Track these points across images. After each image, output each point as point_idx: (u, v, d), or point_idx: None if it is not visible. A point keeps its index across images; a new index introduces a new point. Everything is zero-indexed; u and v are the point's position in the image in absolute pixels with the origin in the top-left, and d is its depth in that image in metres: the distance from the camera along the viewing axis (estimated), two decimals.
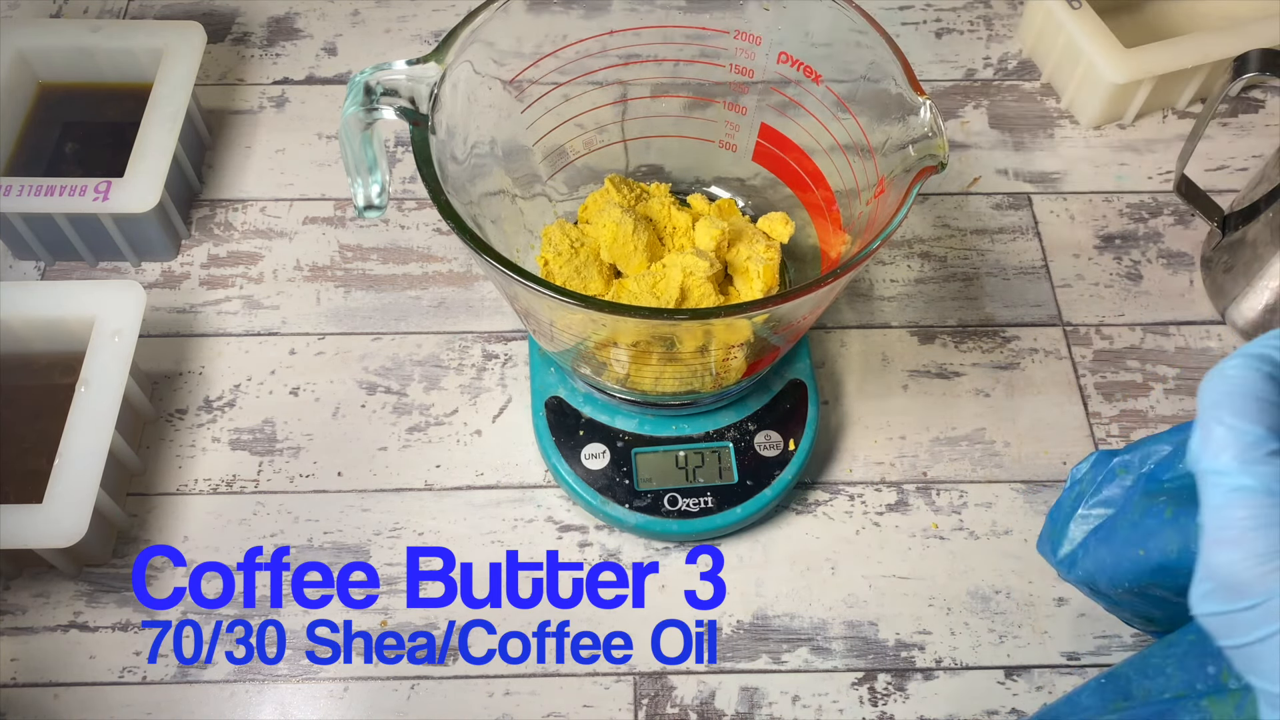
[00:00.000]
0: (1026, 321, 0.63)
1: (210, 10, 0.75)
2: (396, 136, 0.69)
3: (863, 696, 0.52)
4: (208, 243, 0.65)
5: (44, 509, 0.49)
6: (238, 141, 0.69)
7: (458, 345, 0.61)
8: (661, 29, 0.53)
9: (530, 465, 0.57)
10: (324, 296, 0.63)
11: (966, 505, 0.57)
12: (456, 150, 0.49)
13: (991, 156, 0.69)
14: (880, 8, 0.76)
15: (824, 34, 0.51)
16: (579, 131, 0.57)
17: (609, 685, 0.52)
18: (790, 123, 0.54)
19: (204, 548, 0.55)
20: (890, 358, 0.61)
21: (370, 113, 0.46)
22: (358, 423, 0.59)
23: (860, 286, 0.64)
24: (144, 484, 0.57)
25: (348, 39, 0.74)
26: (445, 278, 0.64)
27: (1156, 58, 0.67)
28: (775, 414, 0.55)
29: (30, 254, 0.63)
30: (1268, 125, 0.71)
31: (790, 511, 0.56)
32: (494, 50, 0.50)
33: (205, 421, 0.59)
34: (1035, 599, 0.54)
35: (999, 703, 0.51)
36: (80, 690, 0.51)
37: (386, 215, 0.66)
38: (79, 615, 0.53)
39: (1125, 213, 0.67)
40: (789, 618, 0.53)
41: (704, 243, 0.54)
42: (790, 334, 0.50)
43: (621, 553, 0.55)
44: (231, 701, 0.51)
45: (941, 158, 0.44)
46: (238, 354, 0.61)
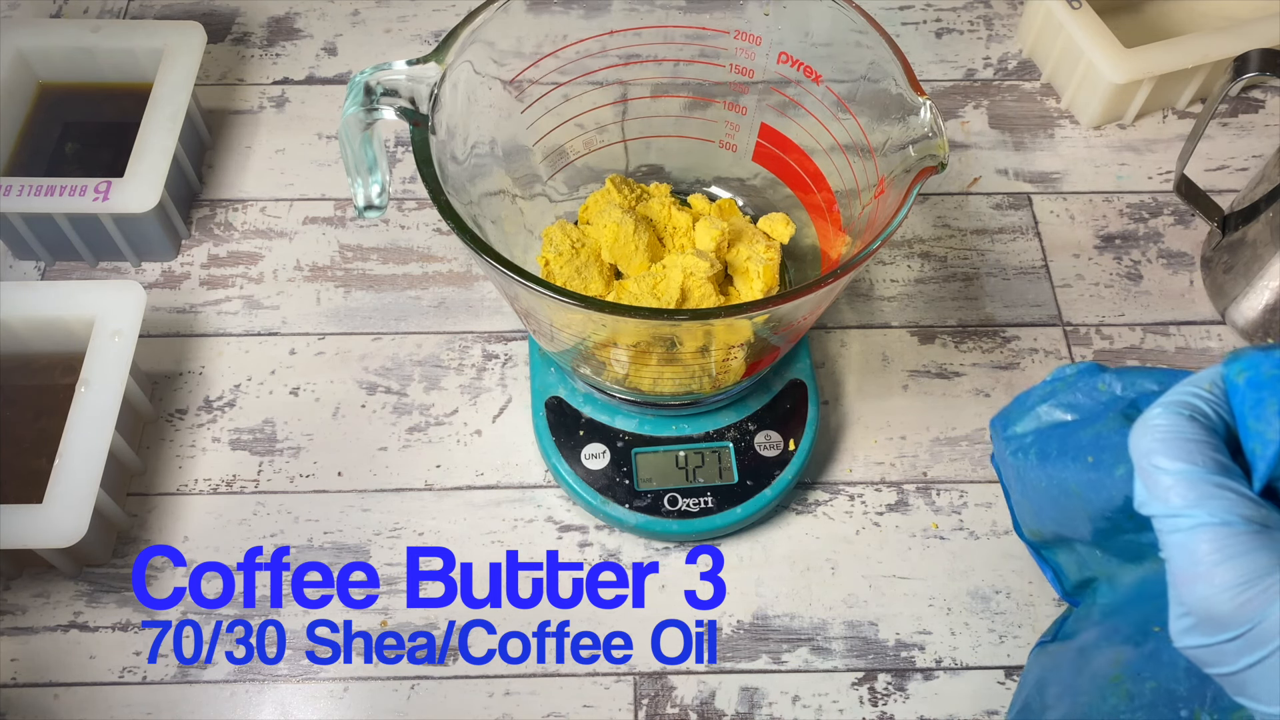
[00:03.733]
0: (1026, 321, 0.63)
1: (210, 10, 0.75)
2: (396, 136, 0.69)
3: (863, 696, 0.52)
4: (208, 243, 0.65)
5: (44, 509, 0.49)
6: (238, 141, 0.69)
7: (458, 345, 0.61)
8: (661, 29, 0.53)
9: (530, 465, 0.58)
10: (324, 296, 0.63)
11: (966, 505, 0.57)
12: (456, 150, 0.49)
13: (991, 156, 0.69)
14: (880, 8, 0.76)
15: (824, 34, 0.51)
16: (579, 131, 0.57)
17: (609, 685, 0.52)
18: (790, 123, 0.54)
19: (204, 548, 0.55)
20: (890, 358, 0.61)
21: (370, 113, 0.46)
22: (358, 423, 0.59)
23: (860, 286, 0.64)
24: (144, 484, 0.57)
25: (348, 39, 0.74)
26: (445, 278, 0.64)
27: (1156, 58, 0.67)
28: (775, 414, 0.55)
29: (30, 254, 0.63)
30: (1268, 125, 0.71)
31: (790, 511, 0.56)
32: (494, 50, 0.50)
33: (205, 421, 0.59)
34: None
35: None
36: (80, 690, 0.51)
37: (386, 215, 0.66)
38: (79, 615, 0.53)
39: (1125, 213, 0.67)
40: (789, 618, 0.53)
41: (704, 243, 0.54)
42: (790, 334, 0.50)
43: (621, 553, 0.55)
44: (231, 701, 0.51)
45: (941, 158, 0.44)
46: (238, 354, 0.61)
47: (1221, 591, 0.25)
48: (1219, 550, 0.25)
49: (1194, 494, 0.26)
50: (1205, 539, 0.25)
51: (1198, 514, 0.25)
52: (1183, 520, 0.26)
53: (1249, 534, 0.25)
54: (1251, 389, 0.27)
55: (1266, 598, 0.24)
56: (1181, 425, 0.27)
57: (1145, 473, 0.27)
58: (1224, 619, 0.25)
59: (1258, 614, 0.24)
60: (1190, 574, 0.25)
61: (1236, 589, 0.25)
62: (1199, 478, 0.26)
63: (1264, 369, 0.27)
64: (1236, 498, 0.25)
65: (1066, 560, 0.47)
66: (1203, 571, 0.25)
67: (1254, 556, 0.25)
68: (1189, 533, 0.26)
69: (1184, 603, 0.26)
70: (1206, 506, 0.25)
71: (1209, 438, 0.27)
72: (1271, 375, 0.26)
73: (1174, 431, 0.27)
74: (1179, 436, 0.26)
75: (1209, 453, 0.26)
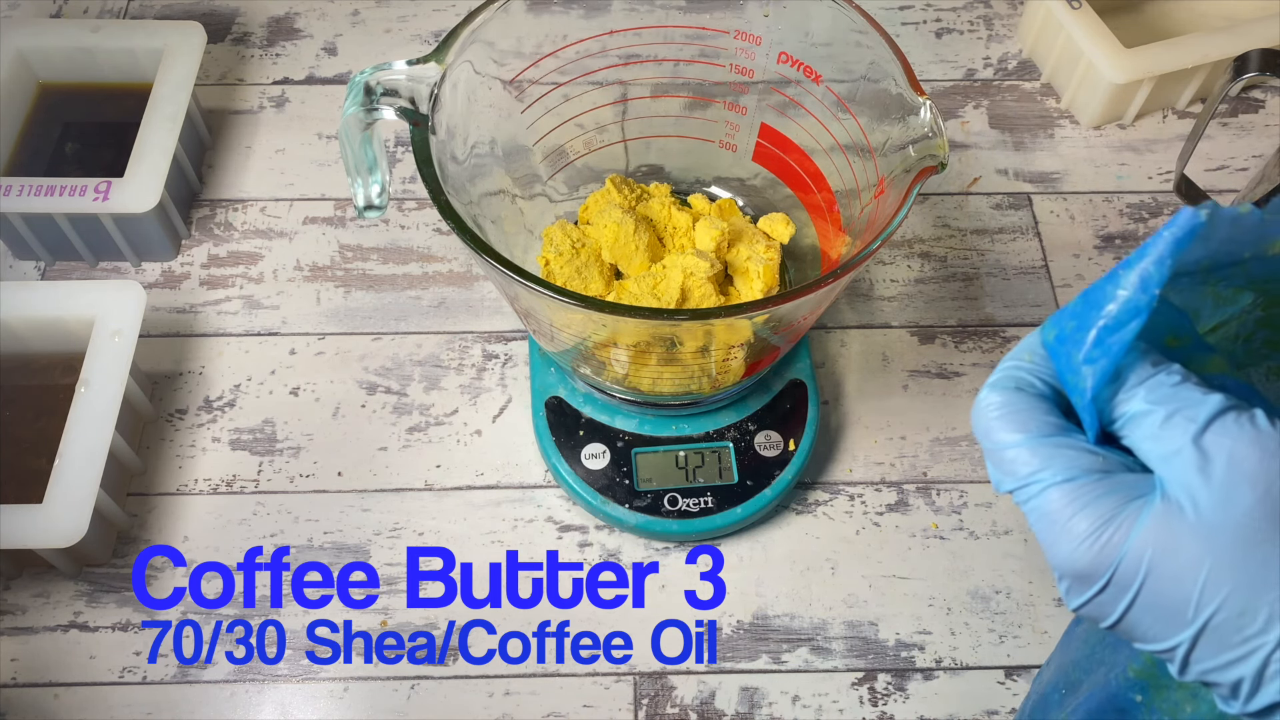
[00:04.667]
0: (1026, 321, 0.63)
1: (210, 10, 0.75)
2: (396, 136, 0.69)
3: (863, 696, 0.52)
4: (208, 243, 0.65)
5: (44, 509, 0.49)
6: (238, 141, 0.69)
7: (458, 345, 0.61)
8: (661, 29, 0.53)
9: (530, 465, 0.57)
10: (324, 296, 0.63)
11: (966, 505, 0.57)
12: (456, 150, 0.49)
13: (991, 156, 0.69)
14: (880, 8, 0.76)
15: (824, 34, 0.51)
16: (579, 131, 0.57)
17: (609, 685, 0.52)
18: (790, 123, 0.54)
19: (204, 548, 0.55)
20: (890, 358, 0.61)
21: (370, 113, 0.46)
22: (358, 423, 0.59)
23: (860, 286, 0.64)
24: (144, 484, 0.57)
25: (348, 39, 0.74)
26: (445, 278, 0.64)
27: (1156, 58, 0.67)
28: (775, 414, 0.55)
29: (30, 254, 0.63)
30: (1268, 125, 0.71)
31: (790, 511, 0.56)
32: (494, 50, 0.50)
33: (205, 421, 0.58)
34: (1035, 599, 0.54)
35: (999, 703, 0.51)
36: (80, 690, 0.51)
37: (386, 215, 0.66)
38: (79, 615, 0.53)
39: (1125, 213, 0.67)
40: (789, 618, 0.53)
41: (704, 243, 0.54)
42: (790, 334, 0.50)
43: (621, 553, 0.55)
44: (231, 701, 0.51)
45: (941, 158, 0.44)
46: (238, 354, 0.61)
47: (1080, 543, 0.26)
48: (1069, 504, 0.26)
49: (1036, 459, 0.27)
50: (1055, 497, 0.26)
51: (1044, 476, 0.27)
52: (1033, 486, 0.27)
53: (1093, 482, 0.26)
54: (1059, 344, 0.28)
55: (1120, 535, 0.25)
56: (1011, 398, 0.28)
57: (990, 452, 0.28)
58: (1089, 569, 0.26)
59: (1116, 553, 0.25)
60: (1052, 535, 0.27)
61: (1092, 536, 0.26)
62: (1036, 443, 0.27)
63: (1065, 325, 0.28)
64: (1075, 453, 0.27)
65: None
66: (1060, 529, 0.26)
67: (1101, 502, 0.26)
68: (1041, 496, 0.27)
69: (1056, 566, 0.27)
70: (1050, 467, 0.27)
71: (1038, 404, 0.28)
72: (1073, 329, 0.27)
73: (1005, 406, 0.28)
74: (1011, 409, 0.28)
75: (1041, 417, 0.27)
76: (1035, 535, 0.27)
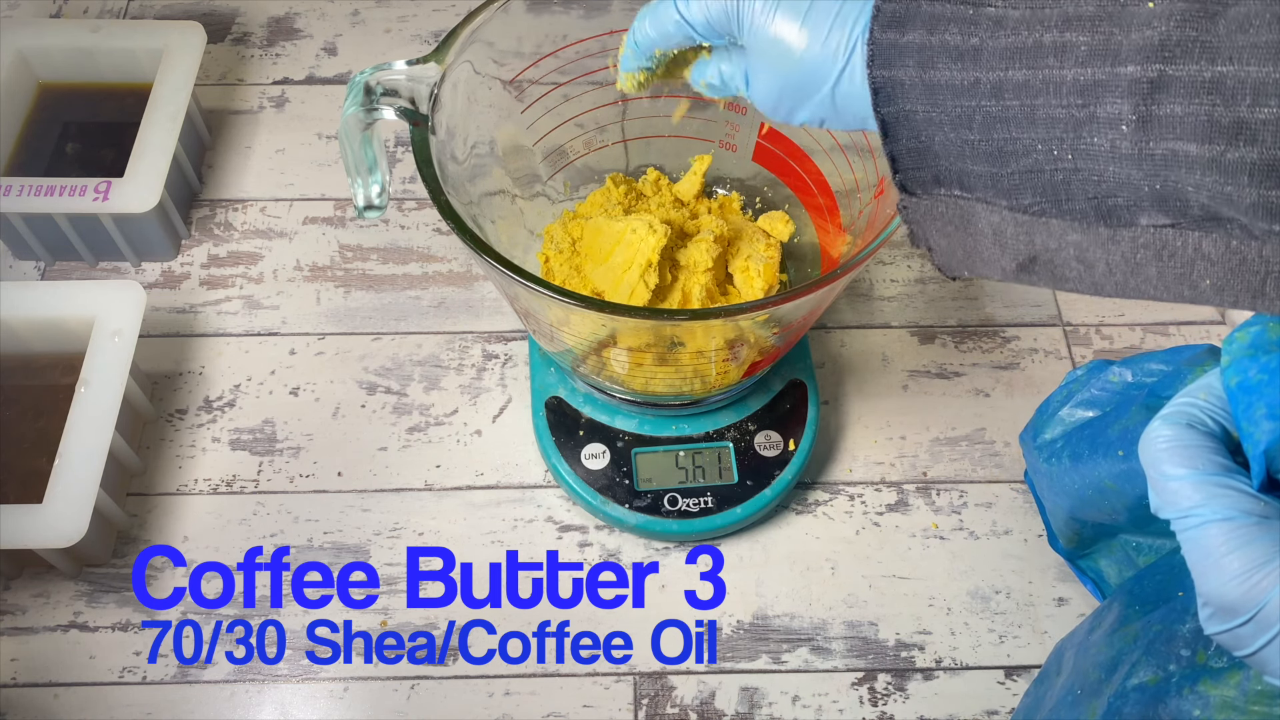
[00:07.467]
0: (1026, 321, 0.63)
1: (210, 10, 0.75)
2: (396, 136, 0.69)
3: (863, 696, 0.52)
4: (208, 243, 0.65)
5: (44, 509, 0.49)
6: (238, 141, 0.69)
7: (458, 345, 0.61)
8: None
9: (530, 465, 0.57)
10: (324, 296, 0.63)
11: (966, 505, 0.57)
12: (456, 150, 0.49)
13: None
14: None
15: None
16: (579, 131, 0.57)
17: (609, 685, 0.52)
18: None
19: (204, 548, 0.55)
20: (890, 358, 0.61)
21: (370, 113, 0.46)
22: (358, 423, 0.59)
23: (860, 286, 0.64)
24: (144, 484, 0.57)
25: (348, 39, 0.74)
26: (445, 278, 0.64)
27: None
28: (775, 414, 0.55)
29: (30, 254, 0.63)
30: None
31: (790, 511, 0.56)
32: (494, 50, 0.50)
33: (205, 421, 0.58)
34: (1035, 599, 0.54)
35: (999, 703, 0.51)
36: (80, 690, 0.51)
37: (386, 215, 0.66)
38: (79, 615, 0.53)
39: None
40: (789, 618, 0.53)
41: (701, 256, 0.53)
42: (790, 334, 0.50)
43: (621, 553, 0.55)
44: (231, 701, 0.51)
45: None
46: (238, 354, 0.61)
47: (1231, 579, 0.28)
48: (1225, 543, 0.28)
49: (1199, 495, 0.29)
50: (1213, 534, 0.28)
51: (1204, 512, 0.28)
52: (1192, 519, 0.29)
53: (1251, 526, 0.28)
54: (1242, 393, 0.30)
55: (1269, 581, 0.27)
56: (1181, 434, 0.30)
57: (1155, 481, 0.30)
58: (1236, 605, 0.28)
59: (1264, 597, 0.27)
60: (1204, 567, 0.28)
61: (1243, 576, 0.27)
62: (1202, 480, 0.29)
63: (1250, 374, 0.29)
64: (1238, 494, 0.28)
65: (1107, 566, 0.49)
66: (1214, 563, 0.28)
67: (1256, 545, 0.28)
68: (1199, 530, 0.28)
69: (1203, 594, 0.29)
70: (1211, 505, 0.28)
71: (1208, 442, 0.29)
72: (1258, 380, 0.29)
73: (1175, 440, 0.30)
74: (1180, 444, 0.29)
75: (1209, 456, 0.29)
76: (1187, 561, 0.29)
